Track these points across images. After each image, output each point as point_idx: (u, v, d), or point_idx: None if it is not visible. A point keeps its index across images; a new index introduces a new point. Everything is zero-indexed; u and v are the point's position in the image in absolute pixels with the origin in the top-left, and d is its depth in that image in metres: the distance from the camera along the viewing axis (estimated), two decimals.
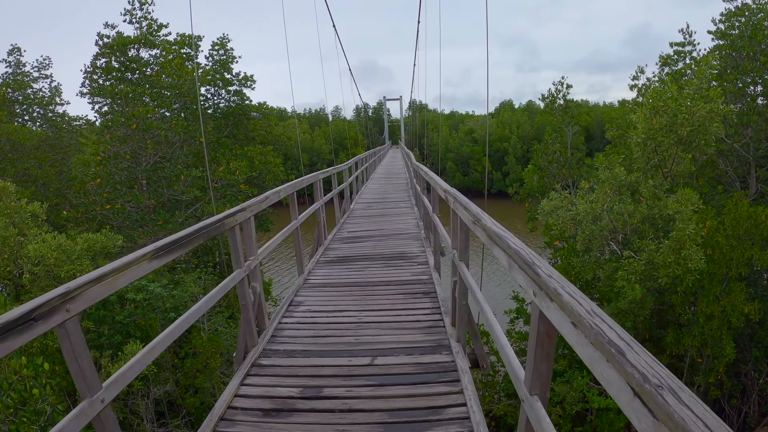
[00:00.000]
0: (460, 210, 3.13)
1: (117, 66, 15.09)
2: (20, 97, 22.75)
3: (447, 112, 75.99)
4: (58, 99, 23.30)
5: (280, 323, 4.37)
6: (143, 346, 8.29)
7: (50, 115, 23.29)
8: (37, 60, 23.52)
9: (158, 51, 16.21)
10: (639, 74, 12.68)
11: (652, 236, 9.11)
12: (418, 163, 7.89)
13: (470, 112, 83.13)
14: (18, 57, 22.89)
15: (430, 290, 5.00)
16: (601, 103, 72.84)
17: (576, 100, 24.83)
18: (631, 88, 12.75)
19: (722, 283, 9.54)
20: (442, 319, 4.20)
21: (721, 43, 11.87)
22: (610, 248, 10.16)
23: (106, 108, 15.46)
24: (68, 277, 8.87)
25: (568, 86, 20.01)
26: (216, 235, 3.26)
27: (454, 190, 3.61)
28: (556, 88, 20.08)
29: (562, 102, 20.35)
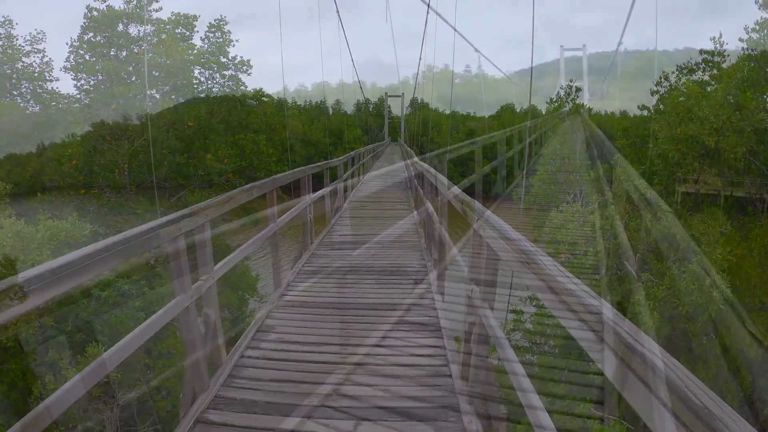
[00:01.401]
0: (498, 242, 2.22)
1: (102, 42, 14.09)
2: (8, 71, 21.71)
3: (447, 112, 75.30)
4: (47, 75, 22.27)
5: (242, 356, 3.46)
6: (106, 351, 7.36)
7: (39, 91, 22.27)
8: (30, 33, 22.44)
9: (149, 28, 15.24)
10: (663, 80, 11.85)
11: (674, 258, 8.28)
12: (427, 166, 6.92)
13: (471, 113, 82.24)
14: (9, 29, 21.82)
15: (431, 321, 4.11)
16: (603, 112, 72.35)
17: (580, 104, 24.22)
18: (653, 93, 11.92)
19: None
20: (446, 365, 3.32)
21: (754, 53, 11.04)
22: (624, 268, 9.32)
23: (88, 86, 14.50)
24: (23, 269, 7.94)
25: (578, 89, 19.32)
26: (149, 250, 2.38)
27: (489, 213, 2.66)
28: (565, 92, 19.38)
29: (570, 106, 19.62)
